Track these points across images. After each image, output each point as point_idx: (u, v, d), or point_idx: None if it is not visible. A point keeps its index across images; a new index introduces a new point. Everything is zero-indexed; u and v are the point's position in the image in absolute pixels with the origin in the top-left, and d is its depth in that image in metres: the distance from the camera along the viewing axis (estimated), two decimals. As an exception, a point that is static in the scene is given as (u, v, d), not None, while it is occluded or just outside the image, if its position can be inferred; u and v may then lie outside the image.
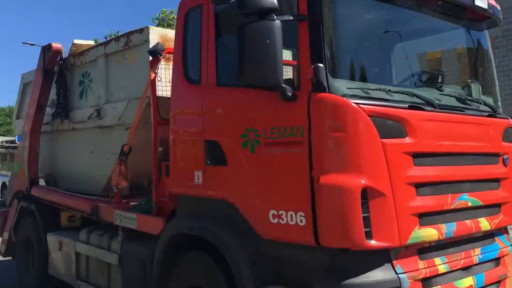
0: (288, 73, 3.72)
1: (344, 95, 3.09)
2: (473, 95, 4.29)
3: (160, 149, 4.71)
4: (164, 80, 4.77)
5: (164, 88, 4.75)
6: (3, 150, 26.54)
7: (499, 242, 3.90)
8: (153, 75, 4.69)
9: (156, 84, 4.72)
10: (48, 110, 6.87)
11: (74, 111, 6.37)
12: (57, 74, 6.69)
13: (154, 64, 4.70)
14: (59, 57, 6.63)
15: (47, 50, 6.66)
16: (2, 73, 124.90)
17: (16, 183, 7.38)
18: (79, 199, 5.90)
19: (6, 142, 27.61)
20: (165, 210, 4.52)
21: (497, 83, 4.58)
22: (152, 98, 4.72)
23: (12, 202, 7.41)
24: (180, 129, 4.26)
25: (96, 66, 5.91)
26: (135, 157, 5.05)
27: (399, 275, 3.01)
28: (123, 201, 5.28)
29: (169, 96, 4.46)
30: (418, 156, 3.23)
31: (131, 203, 5.28)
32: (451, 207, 3.39)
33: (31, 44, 38.03)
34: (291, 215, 3.18)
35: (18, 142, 19.52)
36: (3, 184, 23.35)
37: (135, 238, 4.86)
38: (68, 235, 6.08)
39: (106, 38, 34.20)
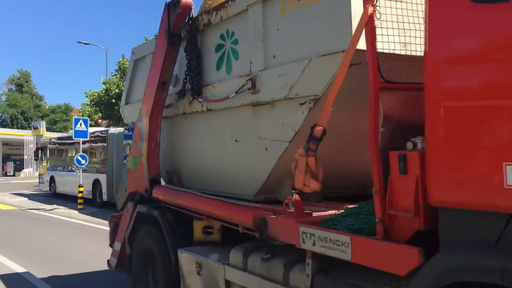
0: None
1: None
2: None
3: (382, 129, 2.86)
4: (387, 19, 2.95)
5: (386, 33, 2.94)
6: (52, 146, 26.36)
7: None
8: (370, 9, 2.82)
9: (376, 25, 2.86)
10: (170, 90, 5.39)
11: (209, 86, 4.75)
12: (185, 39, 5.17)
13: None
14: (187, 17, 5.04)
15: (173, 6, 5.08)
16: (58, 72, 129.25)
17: (131, 183, 5.87)
18: (231, 206, 4.19)
19: (59, 138, 27.31)
20: (398, 231, 2.70)
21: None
22: (369, 49, 2.85)
23: (126, 205, 5.99)
24: (466, 89, 2.35)
25: (246, 21, 4.15)
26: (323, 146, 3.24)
27: None
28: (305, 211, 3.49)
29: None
30: None
31: (313, 214, 3.52)
32: None
33: (85, 43, 38.08)
34: None
35: (92, 136, 19.26)
36: (52, 177, 24.23)
37: (332, 270, 3.13)
38: (208, 253, 4.42)
39: (156, 36, 33.42)
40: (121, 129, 18.89)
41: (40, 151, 27.08)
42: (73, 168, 21.47)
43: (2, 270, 8.40)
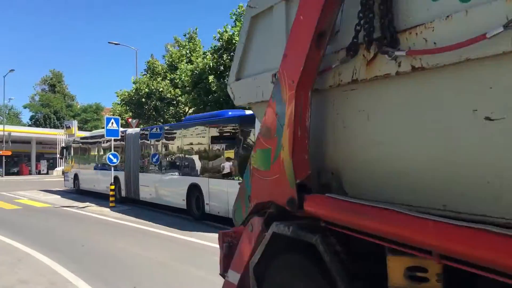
0: None
1: None
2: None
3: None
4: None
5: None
6: (76, 145, 27.26)
7: None
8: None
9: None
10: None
11: (416, 29, 2.75)
12: None
13: None
14: None
15: None
16: (89, 72, 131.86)
17: (261, 188, 3.98)
18: None
19: (82, 138, 28.37)
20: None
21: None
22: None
23: (249, 221, 4.11)
24: None
25: None
26: None
27: None
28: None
29: None
30: None
31: None
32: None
33: (115, 44, 38.64)
34: None
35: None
36: (76, 175, 25.31)
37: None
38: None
39: (185, 35, 33.79)
40: (137, 129, 20.72)
41: (64, 150, 28.29)
42: (96, 166, 23.08)
43: (38, 266, 8.54)
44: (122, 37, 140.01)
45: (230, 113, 14.50)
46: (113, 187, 18.66)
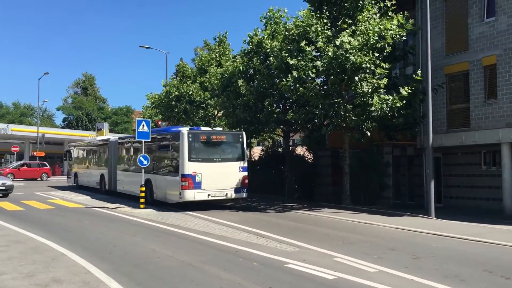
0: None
1: None
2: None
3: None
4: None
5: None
6: (76, 149, 32.22)
7: None
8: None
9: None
10: None
11: None
12: None
13: None
14: None
15: None
16: (120, 76, 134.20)
17: None
18: None
19: (81, 144, 32.77)
20: None
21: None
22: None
23: None
24: None
25: None
26: None
27: None
28: None
29: None
30: None
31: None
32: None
33: (146, 47, 39.21)
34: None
35: None
36: (75, 173, 31.20)
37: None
38: None
39: (214, 39, 33.98)
40: (116, 137, 27.67)
41: (67, 153, 34.10)
42: (89, 167, 29.37)
43: (71, 265, 8.68)
44: (153, 41, 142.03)
45: (173, 129, 21.05)
46: (143, 188, 18.88)
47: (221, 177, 18.37)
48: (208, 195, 18.22)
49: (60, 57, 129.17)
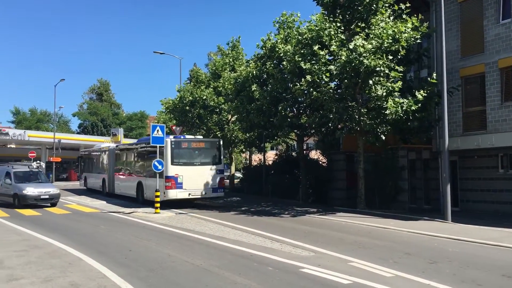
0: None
1: None
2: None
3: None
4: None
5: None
6: (85, 155, 35.05)
7: None
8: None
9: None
10: None
11: None
12: None
13: None
14: None
15: None
16: (133, 82, 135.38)
17: None
18: None
19: (93, 150, 34.45)
20: None
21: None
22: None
23: None
24: None
25: None
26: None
27: None
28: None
29: None
30: None
31: None
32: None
33: (160, 53, 39.49)
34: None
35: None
36: (85, 177, 33.92)
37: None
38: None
39: (228, 44, 34.12)
40: (114, 145, 30.52)
41: (80, 158, 37.02)
42: (95, 171, 31.95)
43: (88, 270, 8.76)
44: (167, 47, 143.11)
45: (170, 136, 23.46)
46: (158, 193, 19.00)
47: (200, 178, 21.28)
48: (189, 194, 21.06)
49: (75, 63, 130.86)
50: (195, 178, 21.00)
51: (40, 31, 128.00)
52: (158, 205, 18.81)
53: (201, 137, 26.00)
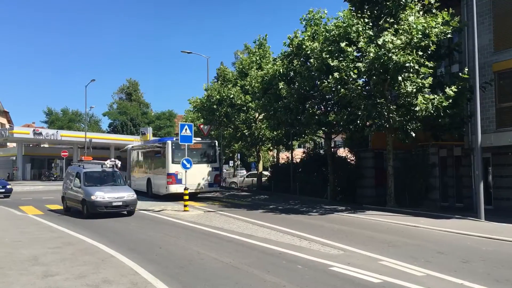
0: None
1: None
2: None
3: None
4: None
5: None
6: (123, 153, 36.28)
7: None
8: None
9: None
10: None
11: None
12: None
13: None
14: None
15: None
16: (162, 82, 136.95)
17: None
18: None
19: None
20: None
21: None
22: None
23: None
24: None
25: None
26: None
27: None
28: None
29: None
30: None
31: None
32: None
33: (188, 52, 39.79)
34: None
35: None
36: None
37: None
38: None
39: (255, 42, 34.08)
40: (130, 146, 32.97)
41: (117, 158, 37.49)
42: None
43: (120, 267, 8.92)
44: (193, 46, 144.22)
45: (163, 139, 27.19)
46: (187, 191, 19.19)
47: (197, 175, 24.11)
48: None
49: (105, 64, 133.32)
50: (193, 175, 23.10)
51: (71, 33, 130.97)
52: (187, 203, 19.01)
53: (199, 139, 27.54)
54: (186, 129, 19.49)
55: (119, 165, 20.64)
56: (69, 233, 13.31)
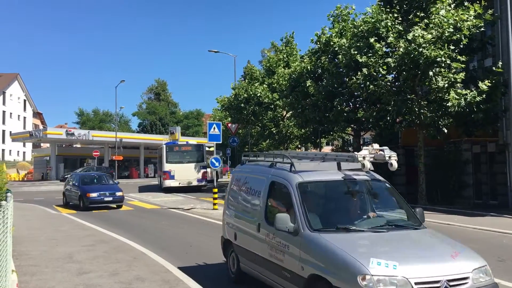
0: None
1: None
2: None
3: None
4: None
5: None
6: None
7: None
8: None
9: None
10: None
11: None
12: None
13: None
14: None
15: None
16: (189, 81, 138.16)
17: None
18: None
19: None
20: None
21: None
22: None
23: None
24: None
25: None
26: None
27: None
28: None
29: None
30: None
31: None
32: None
33: (215, 52, 40.03)
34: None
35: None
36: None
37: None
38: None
39: (281, 40, 34.01)
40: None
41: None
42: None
43: (152, 264, 9.02)
44: (220, 45, 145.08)
45: (169, 142, 31.92)
46: (216, 190, 19.29)
47: (187, 172, 28.80)
48: (179, 183, 28.68)
49: (134, 65, 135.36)
50: (184, 172, 28.54)
51: (100, 34, 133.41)
52: (216, 201, 19.10)
53: (191, 142, 33.50)
54: (214, 127, 19.58)
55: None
56: (102, 231, 13.54)
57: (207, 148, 33.49)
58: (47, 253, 10.21)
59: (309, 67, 23.63)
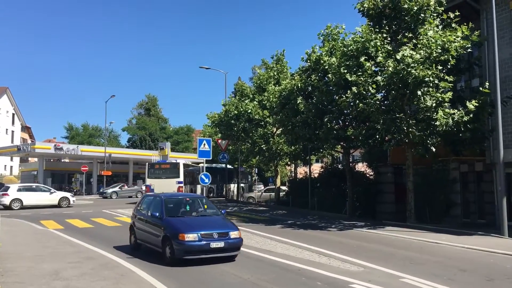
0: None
1: None
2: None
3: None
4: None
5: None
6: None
7: None
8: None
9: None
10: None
11: None
12: None
13: None
14: None
15: None
16: (180, 96, 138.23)
17: None
18: None
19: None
20: None
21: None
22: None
23: None
24: None
25: None
26: None
27: None
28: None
29: None
30: None
31: None
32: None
33: (206, 68, 40.22)
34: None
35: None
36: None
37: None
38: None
39: (272, 58, 34.31)
40: (180, 162, 35.16)
41: None
42: None
43: (139, 282, 8.91)
44: (211, 62, 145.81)
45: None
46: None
47: (165, 186, 30.64)
48: None
49: (125, 80, 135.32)
50: (162, 186, 30.66)
51: (90, 49, 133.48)
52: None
53: (169, 161, 38.99)
54: (204, 144, 19.68)
55: None
56: (89, 247, 13.39)
57: (192, 166, 39.69)
58: (33, 269, 10.07)
59: (299, 85, 23.80)
